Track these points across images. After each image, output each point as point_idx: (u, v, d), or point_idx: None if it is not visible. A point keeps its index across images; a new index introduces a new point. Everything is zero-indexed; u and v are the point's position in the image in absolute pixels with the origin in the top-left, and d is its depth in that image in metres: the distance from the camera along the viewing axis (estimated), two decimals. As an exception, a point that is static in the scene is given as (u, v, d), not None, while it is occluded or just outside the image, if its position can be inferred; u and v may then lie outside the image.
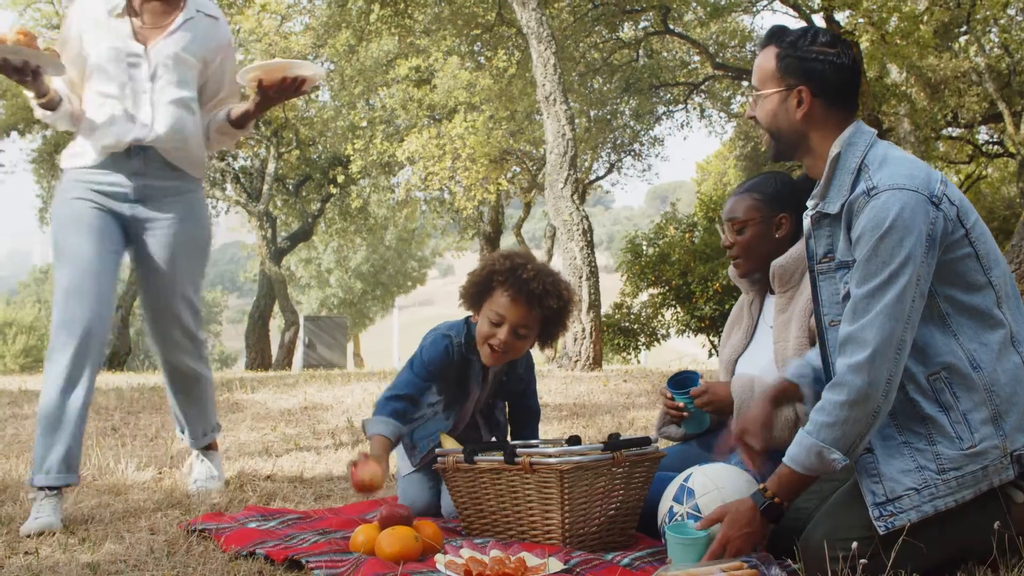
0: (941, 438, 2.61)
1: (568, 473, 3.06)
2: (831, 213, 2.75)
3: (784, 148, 2.90)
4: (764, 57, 2.88)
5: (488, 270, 3.69)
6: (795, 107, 2.81)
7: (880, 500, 2.61)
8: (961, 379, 2.63)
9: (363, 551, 3.03)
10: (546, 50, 12.18)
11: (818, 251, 2.83)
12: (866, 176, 2.68)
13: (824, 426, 2.60)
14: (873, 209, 2.59)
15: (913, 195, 2.59)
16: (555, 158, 11.97)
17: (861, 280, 2.61)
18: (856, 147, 2.76)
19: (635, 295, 19.44)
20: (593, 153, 24.97)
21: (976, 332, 2.66)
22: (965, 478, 2.57)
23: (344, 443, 5.78)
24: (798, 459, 2.65)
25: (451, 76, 20.01)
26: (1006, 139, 23.74)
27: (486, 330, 3.65)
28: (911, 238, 2.55)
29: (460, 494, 3.40)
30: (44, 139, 25.34)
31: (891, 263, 2.55)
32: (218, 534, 3.31)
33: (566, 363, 11.58)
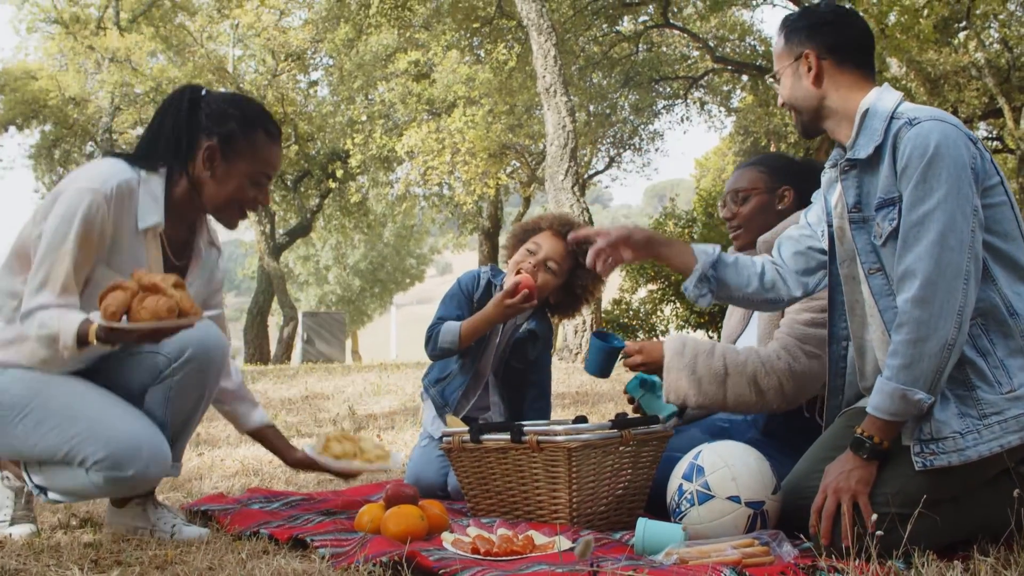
0: (981, 382, 2.58)
1: (576, 451, 3.03)
2: (860, 158, 2.74)
3: (808, 120, 2.92)
4: (776, 39, 2.99)
5: (539, 216, 3.97)
6: (806, 73, 2.86)
7: (925, 437, 2.57)
8: (998, 325, 2.61)
9: (369, 530, 3.00)
10: (546, 42, 12.15)
11: (848, 200, 2.82)
12: (903, 116, 2.69)
13: (899, 368, 2.55)
14: (918, 136, 2.59)
15: (953, 128, 2.60)
16: (555, 150, 11.94)
17: (910, 207, 2.59)
18: (886, 101, 2.77)
19: (634, 290, 19.43)
20: (592, 148, 24.94)
21: (1010, 281, 2.64)
22: (1008, 423, 2.53)
23: (346, 429, 5.73)
24: (883, 406, 2.59)
25: (450, 70, 19.97)
26: (1006, 135, 23.69)
27: (520, 258, 3.83)
28: (957, 165, 2.55)
29: (466, 474, 3.36)
30: (42, 134, 25.29)
31: (940, 188, 2.54)
32: (221, 515, 3.27)
33: (567, 355, 11.56)
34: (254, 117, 3.11)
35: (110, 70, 23.22)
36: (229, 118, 3.06)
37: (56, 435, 2.95)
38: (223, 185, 3.08)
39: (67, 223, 2.87)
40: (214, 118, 3.06)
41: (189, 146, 3.06)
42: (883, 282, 2.73)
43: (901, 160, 2.62)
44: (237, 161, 3.07)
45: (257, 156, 3.10)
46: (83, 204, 2.87)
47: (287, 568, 2.58)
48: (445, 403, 3.95)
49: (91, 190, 2.88)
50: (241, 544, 2.92)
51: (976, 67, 21.54)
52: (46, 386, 3.01)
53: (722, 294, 3.13)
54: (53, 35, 25.26)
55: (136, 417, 3.02)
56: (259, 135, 3.10)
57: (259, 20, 24.05)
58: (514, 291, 3.70)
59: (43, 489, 3.13)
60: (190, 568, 2.58)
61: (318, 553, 2.77)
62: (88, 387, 3.06)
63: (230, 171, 3.07)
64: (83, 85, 24.28)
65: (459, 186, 20.89)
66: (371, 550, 2.66)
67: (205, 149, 3.04)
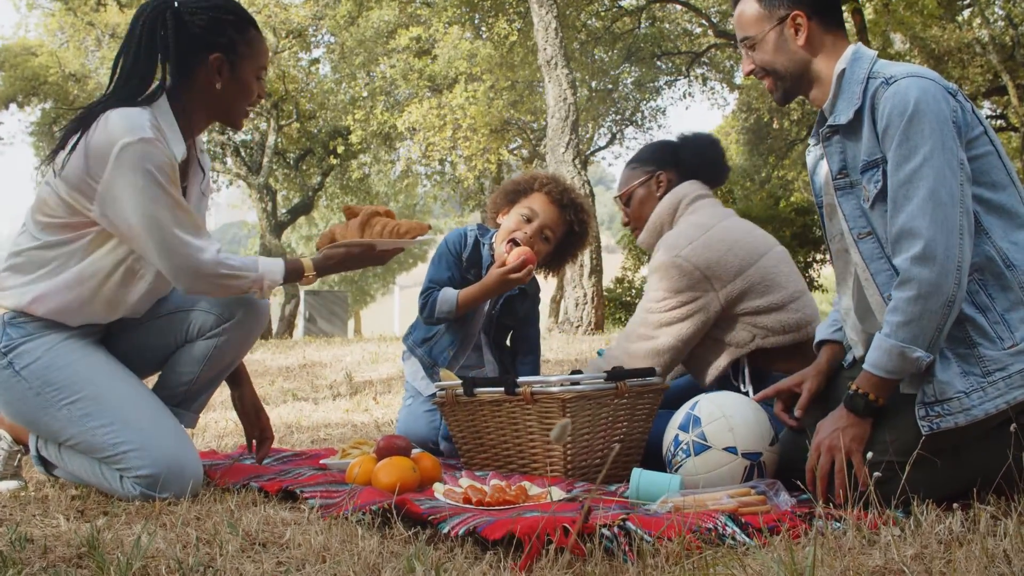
0: (981, 339, 2.53)
1: (570, 402, 2.98)
2: (842, 124, 2.69)
3: (791, 86, 2.84)
4: (743, 6, 2.86)
5: (531, 175, 3.88)
6: (794, 36, 2.78)
7: (929, 400, 2.52)
8: (995, 279, 2.56)
9: (360, 482, 2.96)
10: (547, 13, 12.07)
11: (833, 167, 2.76)
12: (879, 76, 2.64)
13: (900, 325, 2.50)
14: (895, 95, 2.55)
15: (931, 83, 2.55)
16: (556, 122, 11.88)
17: (896, 166, 2.54)
18: (861, 61, 2.72)
19: (636, 269, 19.47)
20: (594, 124, 24.88)
21: (1006, 231, 2.58)
22: (1012, 378, 2.48)
23: (342, 394, 5.71)
24: (880, 363, 2.54)
25: (452, 46, 19.90)
26: (1010, 112, 23.61)
27: (513, 225, 3.77)
28: (938, 120, 2.50)
29: (459, 428, 3.32)
30: (43, 112, 25.25)
31: (924, 145, 2.49)
32: (212, 470, 3.23)
33: (568, 328, 11.52)
34: (243, 17, 3.08)
35: (110, 45, 23.15)
36: (224, 25, 3.01)
37: (105, 435, 2.90)
38: (236, 91, 3.06)
39: (149, 178, 2.81)
40: (210, 29, 2.99)
41: (191, 63, 3.00)
42: (874, 246, 2.67)
43: (881, 121, 2.58)
44: (243, 64, 3.05)
45: (257, 53, 3.09)
46: (149, 155, 2.81)
47: (275, 518, 2.54)
48: (434, 363, 3.92)
49: (142, 140, 2.80)
50: (230, 496, 2.88)
51: (980, 44, 21.45)
52: (99, 375, 2.98)
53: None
54: (53, 12, 25.18)
55: (180, 432, 3.04)
56: (252, 33, 3.08)
57: (259, -4, 23.97)
58: (520, 266, 3.67)
59: (46, 463, 3.11)
60: (175, 518, 2.55)
61: (307, 504, 2.73)
62: (138, 387, 3.06)
63: (239, 76, 3.04)
64: (83, 62, 24.21)
65: (460, 162, 20.84)
66: (361, 500, 2.62)
67: (213, 61, 2.99)
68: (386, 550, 2.20)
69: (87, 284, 2.97)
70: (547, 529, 2.11)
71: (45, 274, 2.95)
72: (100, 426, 2.90)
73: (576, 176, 11.75)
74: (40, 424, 3.00)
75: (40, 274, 2.96)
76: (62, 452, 3.03)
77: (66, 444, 2.99)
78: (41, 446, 3.10)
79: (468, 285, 3.82)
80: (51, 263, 2.96)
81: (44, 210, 2.95)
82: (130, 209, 2.82)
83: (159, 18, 2.97)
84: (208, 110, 3.08)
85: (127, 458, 2.87)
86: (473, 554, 2.19)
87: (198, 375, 3.24)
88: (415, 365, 4.02)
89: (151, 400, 3.04)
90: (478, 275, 3.87)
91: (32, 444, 3.13)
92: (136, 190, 2.79)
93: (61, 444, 3.01)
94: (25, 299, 2.95)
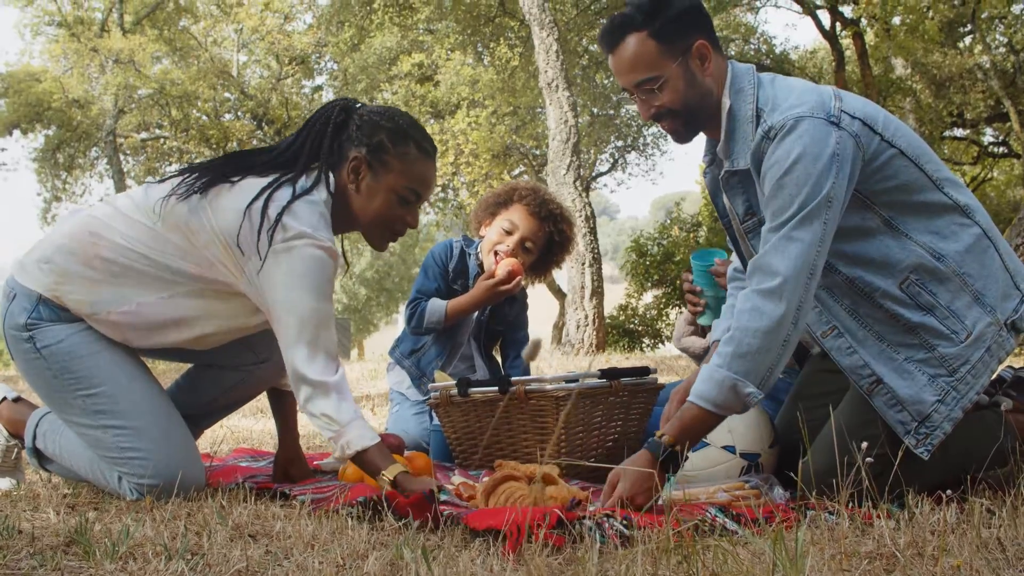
0: (937, 340, 2.53)
1: (564, 400, 2.97)
2: (741, 169, 2.61)
3: (699, 120, 2.69)
4: (635, 47, 2.61)
5: (511, 187, 3.94)
6: (700, 67, 2.62)
7: (912, 427, 2.52)
8: (931, 275, 2.54)
9: (351, 480, 2.95)
10: (548, 36, 12.13)
11: (738, 210, 2.71)
12: (763, 117, 2.54)
13: (735, 357, 2.42)
14: (775, 148, 2.46)
15: (811, 122, 2.45)
16: (557, 145, 11.92)
17: (772, 216, 2.47)
18: (744, 93, 2.61)
19: (640, 295, 19.51)
20: (596, 149, 24.94)
21: (925, 224, 2.56)
22: (976, 367, 2.51)
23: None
24: (709, 396, 2.44)
25: (454, 72, 19.99)
26: (1012, 139, 23.65)
27: (496, 237, 3.83)
28: (815, 166, 2.42)
29: (453, 429, 3.32)
30: (46, 138, 25.38)
31: (798, 196, 2.42)
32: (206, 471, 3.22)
33: (569, 350, 11.52)
34: (406, 129, 2.90)
35: (114, 71, 23.28)
36: (379, 129, 2.87)
37: (115, 436, 2.85)
38: (369, 200, 2.88)
39: (319, 284, 2.71)
40: (365, 129, 2.87)
41: (338, 156, 2.88)
42: None
43: (763, 172, 2.50)
44: (384, 175, 2.87)
45: (406, 170, 2.88)
46: (325, 266, 2.71)
47: (266, 512, 2.54)
48: (422, 374, 3.94)
49: (327, 249, 2.70)
50: (222, 494, 2.87)
51: (982, 70, 21.50)
52: (119, 374, 2.90)
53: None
54: (57, 38, 25.34)
55: (189, 445, 2.97)
56: (410, 148, 2.88)
57: (263, 24, 24.11)
58: (508, 278, 3.71)
59: (40, 456, 3.09)
60: (166, 512, 2.53)
61: (298, 500, 2.72)
62: (156, 392, 2.96)
63: (377, 185, 2.87)
64: (86, 88, 24.34)
65: (463, 188, 20.90)
66: (351, 495, 2.61)
67: (351, 160, 2.85)
68: (375, 539, 2.20)
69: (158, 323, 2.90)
70: (532, 519, 2.10)
71: (133, 292, 2.86)
72: (112, 426, 2.86)
73: (577, 198, 11.76)
74: (53, 403, 2.96)
75: (129, 291, 2.86)
76: (62, 446, 3.00)
77: (73, 429, 2.95)
78: (39, 439, 3.08)
79: (454, 295, 3.85)
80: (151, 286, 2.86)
81: (182, 229, 2.80)
82: (293, 294, 2.70)
83: (332, 109, 2.92)
84: (343, 215, 2.92)
85: (132, 464, 2.84)
86: (463, 542, 2.18)
87: (216, 399, 3.20)
88: (400, 374, 4.05)
89: (166, 407, 2.96)
90: (464, 285, 3.90)
91: (28, 437, 3.10)
92: (306, 285, 2.68)
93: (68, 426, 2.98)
94: (96, 309, 2.87)
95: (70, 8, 25.46)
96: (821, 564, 1.80)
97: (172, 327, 2.91)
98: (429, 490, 2.42)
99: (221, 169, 2.86)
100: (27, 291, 2.88)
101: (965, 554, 1.86)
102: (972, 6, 19.11)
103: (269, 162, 2.86)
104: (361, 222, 2.93)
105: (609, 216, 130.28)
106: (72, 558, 2.04)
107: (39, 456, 3.11)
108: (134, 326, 2.89)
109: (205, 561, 1.97)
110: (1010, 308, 2.56)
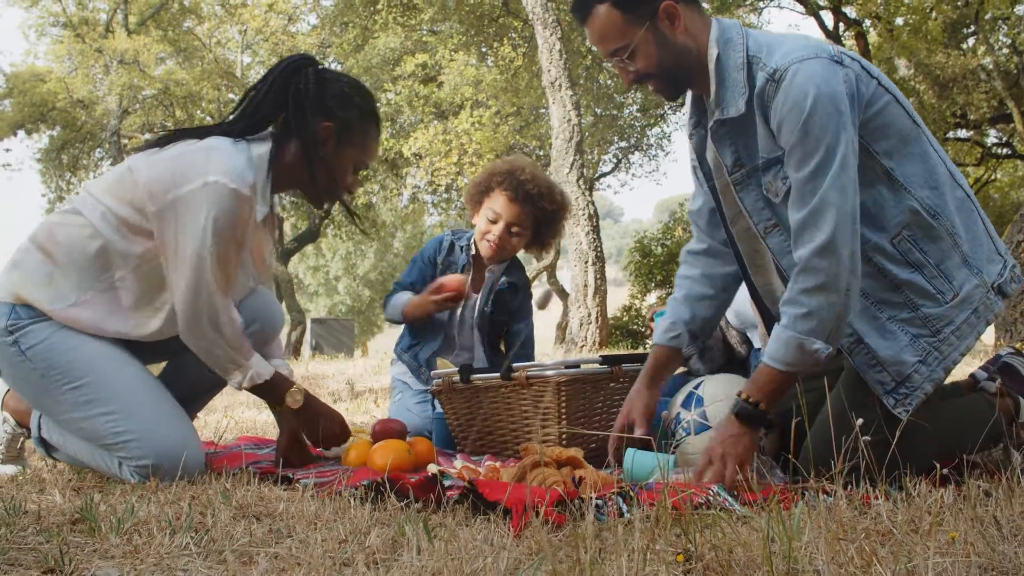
0: (923, 300, 2.53)
1: (565, 385, 2.99)
2: (731, 117, 2.60)
3: (681, 78, 2.70)
4: (602, 19, 2.62)
5: (489, 172, 3.96)
6: (671, 26, 2.60)
7: (891, 387, 2.52)
8: (923, 231, 2.54)
9: (355, 465, 2.97)
10: (551, 35, 12.14)
11: (726, 161, 2.69)
12: (760, 65, 2.53)
13: (799, 317, 2.46)
14: (787, 91, 2.45)
15: (817, 61, 2.45)
16: (560, 143, 11.93)
17: (799, 163, 2.46)
18: (732, 43, 2.59)
19: (643, 295, 19.50)
20: (599, 149, 24.94)
21: (924, 178, 2.56)
22: (961, 329, 2.52)
23: (343, 399, 5.71)
24: (779, 356, 2.49)
25: (458, 73, 20.01)
26: (1015, 140, 23.62)
27: (483, 226, 3.89)
28: (835, 106, 2.42)
29: (456, 416, 3.34)
30: (51, 139, 25.39)
31: (824, 138, 2.41)
32: (210, 457, 3.24)
33: (572, 348, 11.52)
34: (372, 108, 3.10)
35: (118, 72, 23.31)
36: (353, 105, 3.03)
37: (106, 423, 2.89)
38: (331, 168, 3.03)
39: (219, 227, 2.80)
40: (339, 100, 3.01)
41: (306, 121, 2.99)
42: (782, 239, 2.65)
43: (774, 119, 2.49)
44: (349, 148, 3.04)
45: (366, 147, 3.09)
46: (233, 209, 2.80)
47: (270, 495, 2.55)
48: (420, 365, 4.05)
49: (235, 192, 2.79)
50: (226, 480, 2.89)
51: (985, 71, 21.47)
52: (104, 361, 2.95)
53: (708, 333, 3.07)
54: (62, 39, 25.37)
55: (182, 421, 3.02)
56: (372, 127, 3.09)
57: (267, 25, 24.13)
58: (438, 289, 3.87)
59: (47, 445, 3.11)
60: (171, 495, 2.56)
61: (302, 483, 2.74)
62: (143, 375, 3.03)
63: (339, 155, 3.03)
64: (91, 88, 24.37)
65: (466, 187, 20.92)
66: (355, 478, 2.64)
67: (323, 128, 2.98)
68: (377, 518, 2.22)
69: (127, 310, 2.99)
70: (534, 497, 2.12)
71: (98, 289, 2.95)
72: (102, 413, 2.89)
73: (580, 196, 11.78)
74: (43, 405, 3.00)
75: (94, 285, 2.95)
76: (64, 434, 3.03)
77: (67, 427, 2.99)
78: (44, 428, 3.11)
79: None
80: (103, 274, 2.94)
81: (118, 192, 2.91)
82: (186, 236, 2.80)
83: (301, 71, 3.01)
84: (298, 175, 3.06)
85: (128, 447, 2.87)
86: (465, 521, 2.20)
87: (204, 377, 3.21)
88: (403, 367, 4.16)
89: (156, 388, 3.03)
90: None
91: (34, 425, 3.13)
92: (201, 227, 2.78)
93: (62, 426, 3.02)
94: (56, 305, 2.93)
95: (75, 9, 25.51)
96: (817, 538, 1.81)
97: (133, 311, 2.99)
98: (432, 473, 2.46)
99: (182, 133, 2.98)
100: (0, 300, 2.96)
101: (961, 529, 1.88)
102: (975, 7, 19.10)
103: (236, 129, 2.98)
104: (314, 185, 3.06)
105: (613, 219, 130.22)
106: (78, 534, 2.06)
107: (46, 445, 3.13)
108: (96, 317, 2.95)
109: (209, 536, 1.99)
110: (995, 272, 2.57)
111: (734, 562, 1.68)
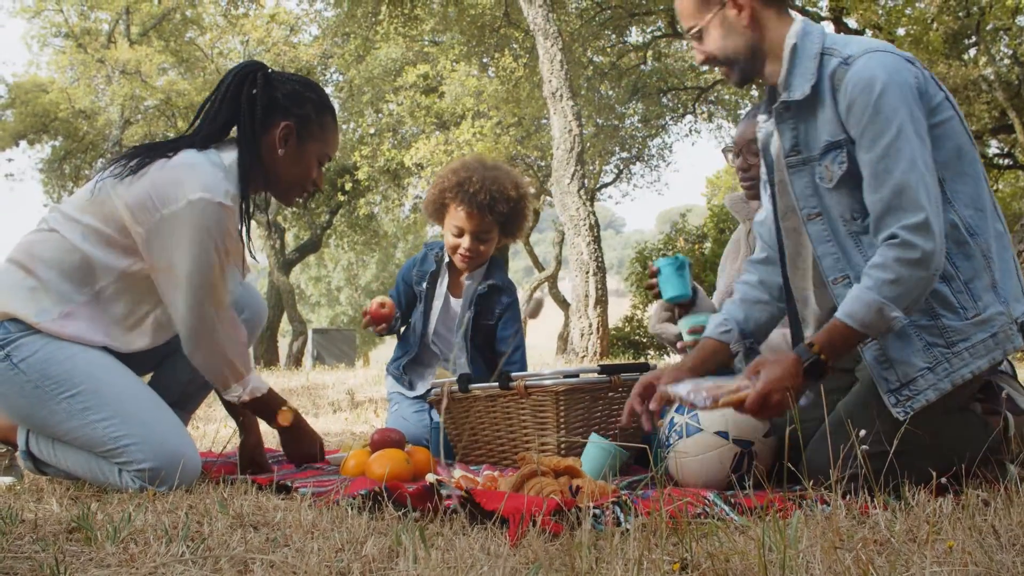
0: (945, 310, 2.53)
1: (563, 395, 2.99)
2: (796, 99, 2.66)
3: (747, 67, 2.78)
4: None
5: (439, 188, 3.97)
6: (737, 16, 2.71)
7: (895, 386, 2.53)
8: (959, 248, 2.55)
9: (353, 474, 2.97)
10: (552, 46, 12.16)
11: (785, 145, 2.74)
12: (835, 53, 2.61)
13: (886, 283, 2.45)
14: (859, 75, 2.52)
15: (890, 55, 2.54)
16: (562, 154, 11.93)
17: (871, 143, 2.50)
18: (811, 36, 2.68)
19: (645, 305, 19.51)
20: (601, 160, 24.95)
21: (971, 198, 2.59)
22: (976, 348, 2.51)
23: (343, 409, 5.71)
24: (857, 315, 2.48)
25: (459, 83, 20.04)
26: (1017, 151, 23.62)
27: (451, 241, 3.92)
28: (904, 90, 2.48)
29: (455, 425, 3.34)
30: (53, 149, 25.43)
31: (895, 118, 2.46)
32: (208, 466, 3.24)
33: (573, 358, 11.52)
34: (325, 101, 3.18)
35: (120, 82, 23.35)
36: (306, 101, 3.10)
37: (106, 428, 2.90)
38: (295, 165, 3.12)
39: (211, 242, 2.86)
40: (292, 99, 3.09)
41: (265, 123, 3.07)
42: (822, 227, 2.68)
43: (844, 101, 2.55)
44: (310, 143, 3.12)
45: (327, 139, 3.16)
46: (220, 221, 2.87)
47: (267, 504, 2.55)
48: (401, 375, 4.15)
49: (220, 205, 2.86)
50: (224, 488, 2.89)
51: (986, 81, 21.47)
52: (98, 369, 2.97)
53: (760, 336, 3.05)
54: (64, 49, 25.42)
55: (180, 427, 3.06)
56: (328, 119, 3.17)
57: (269, 36, 24.18)
58: (364, 314, 4.00)
59: (35, 459, 3.10)
60: (169, 503, 2.55)
61: (300, 493, 2.74)
62: (136, 382, 3.06)
63: (302, 151, 3.11)
64: (93, 99, 24.40)
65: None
66: (353, 487, 2.63)
67: (282, 128, 3.06)
68: (374, 527, 2.22)
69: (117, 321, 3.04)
70: (531, 507, 2.12)
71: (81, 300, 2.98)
72: (100, 419, 2.90)
73: (581, 207, 11.78)
74: (37, 418, 2.98)
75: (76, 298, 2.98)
76: (56, 447, 3.02)
77: (64, 438, 2.98)
78: (32, 443, 3.09)
79: (417, 300, 4.12)
80: (84, 286, 2.97)
81: (98, 212, 2.96)
82: (178, 256, 2.86)
83: (250, 76, 3.09)
84: (264, 176, 3.12)
85: (128, 451, 2.87)
86: (462, 530, 2.20)
87: (193, 377, 3.25)
88: (392, 381, 4.25)
89: (150, 394, 3.05)
90: (431, 285, 4.09)
91: (21, 441, 3.11)
92: (191, 247, 2.84)
93: (58, 439, 3.01)
94: (43, 318, 2.94)
95: (77, 19, 25.56)
96: (814, 547, 1.81)
97: (118, 324, 3.03)
98: (430, 483, 2.46)
99: (149, 150, 3.03)
100: None
101: (959, 539, 1.87)
102: (977, 17, 19.13)
103: (201, 139, 3.04)
104: (285, 183, 3.15)
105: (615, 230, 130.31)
106: (74, 543, 2.06)
107: (34, 460, 3.12)
108: (81, 328, 2.97)
109: (206, 545, 1.99)
110: (1020, 310, 2.57)
111: (730, 571, 1.68)
